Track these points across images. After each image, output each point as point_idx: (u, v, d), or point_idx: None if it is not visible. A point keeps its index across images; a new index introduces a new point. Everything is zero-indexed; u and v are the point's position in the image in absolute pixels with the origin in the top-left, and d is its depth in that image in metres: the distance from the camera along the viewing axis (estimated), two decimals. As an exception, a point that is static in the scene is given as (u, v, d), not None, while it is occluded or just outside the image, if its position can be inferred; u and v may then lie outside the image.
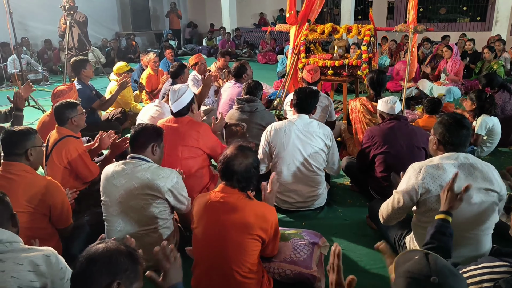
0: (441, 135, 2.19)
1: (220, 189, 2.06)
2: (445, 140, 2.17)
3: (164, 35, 14.93)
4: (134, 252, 1.39)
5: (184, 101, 3.04)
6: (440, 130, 2.19)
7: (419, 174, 2.13)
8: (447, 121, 2.18)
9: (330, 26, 5.53)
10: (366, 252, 2.68)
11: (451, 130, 2.15)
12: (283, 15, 16.12)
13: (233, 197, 2.02)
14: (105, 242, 1.36)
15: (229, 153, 2.04)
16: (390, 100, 3.17)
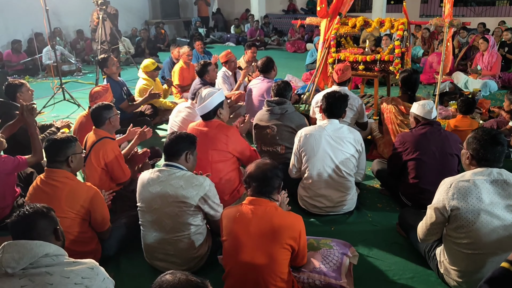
0: (474, 151, 2.16)
1: (248, 201, 2.14)
2: (479, 156, 2.14)
3: (192, 23, 14.97)
4: (203, 284, 1.36)
5: (209, 105, 3.09)
6: (474, 145, 2.16)
7: (449, 190, 2.13)
8: (482, 137, 2.15)
9: (362, 20, 5.40)
10: (395, 260, 2.68)
11: (486, 146, 2.12)
12: (313, 1, 15.86)
13: (260, 208, 2.09)
14: (174, 275, 1.34)
15: (250, 166, 2.21)
16: (427, 105, 3.10)
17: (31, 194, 2.54)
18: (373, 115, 5.35)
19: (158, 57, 11.14)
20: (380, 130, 4.20)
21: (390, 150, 3.83)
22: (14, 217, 1.73)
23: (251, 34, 13.23)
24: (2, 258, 1.57)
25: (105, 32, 6.91)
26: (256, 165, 2.19)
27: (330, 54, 5.54)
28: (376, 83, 5.43)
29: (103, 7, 6.64)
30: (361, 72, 5.41)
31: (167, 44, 12.46)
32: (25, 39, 10.27)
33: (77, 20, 11.49)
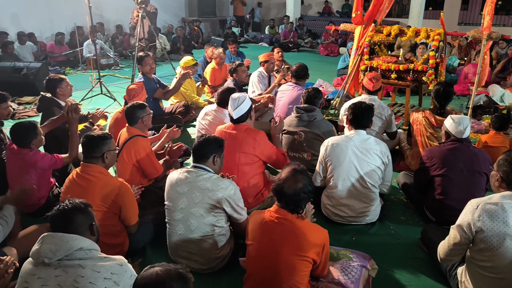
0: (505, 173, 2.13)
1: (274, 209, 2.17)
2: (509, 179, 2.12)
3: (227, 22, 15.13)
4: (183, 273, 1.49)
5: (244, 108, 3.17)
6: (505, 168, 2.14)
7: (476, 211, 2.11)
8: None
9: (397, 28, 5.36)
10: (415, 276, 2.67)
11: None
12: (349, 4, 15.72)
13: (286, 218, 2.11)
14: (155, 267, 1.48)
15: (283, 175, 2.14)
16: (462, 124, 3.03)
17: (67, 186, 2.69)
18: (403, 125, 5.29)
19: (193, 54, 11.35)
20: (409, 141, 4.16)
21: (417, 162, 3.80)
22: (54, 210, 1.85)
23: (285, 36, 13.24)
24: (40, 248, 1.70)
25: (143, 29, 7.12)
26: (288, 180, 2.09)
27: (363, 61, 5.52)
28: (408, 92, 5.37)
29: (143, 5, 6.83)
30: (393, 80, 5.37)
31: (202, 42, 12.66)
32: (67, 32, 10.69)
33: (118, 15, 11.86)
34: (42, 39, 10.33)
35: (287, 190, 2.07)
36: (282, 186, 2.09)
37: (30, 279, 1.71)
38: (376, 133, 4.10)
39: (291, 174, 2.12)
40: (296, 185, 2.07)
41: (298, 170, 2.16)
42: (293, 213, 2.10)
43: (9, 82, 6.70)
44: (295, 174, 2.12)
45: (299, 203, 2.09)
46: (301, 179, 2.10)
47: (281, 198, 2.11)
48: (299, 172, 2.15)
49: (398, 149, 4.42)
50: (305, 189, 2.09)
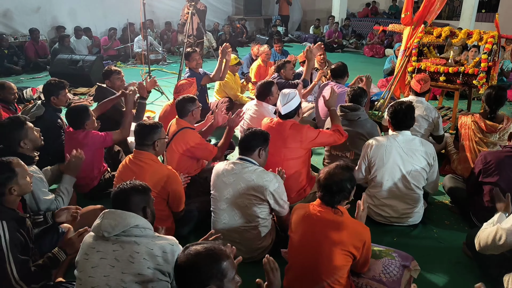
0: None
1: (318, 203, 2.23)
2: None
3: (273, 21, 15.21)
4: (214, 251, 1.55)
5: (293, 104, 3.22)
6: None
7: None
8: None
9: (448, 30, 5.22)
10: (457, 281, 2.64)
11: None
12: (396, 5, 15.37)
13: (329, 212, 2.17)
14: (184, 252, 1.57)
15: (327, 169, 2.22)
16: None
17: (120, 171, 2.87)
18: (450, 129, 5.16)
19: (237, 52, 11.53)
20: (456, 145, 4.06)
21: (464, 167, 3.72)
22: (117, 188, 2.00)
23: (329, 36, 13.15)
24: (101, 223, 1.84)
25: (192, 26, 7.32)
26: (334, 172, 2.17)
27: (411, 63, 5.41)
28: (456, 96, 5.22)
29: (193, 2, 7.03)
30: (442, 83, 5.23)
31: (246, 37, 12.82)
32: (120, 28, 11.15)
33: (167, 12, 12.25)
34: (97, 34, 10.85)
35: (332, 180, 2.15)
36: (328, 177, 2.16)
37: (90, 252, 1.86)
38: (422, 135, 4.03)
39: (336, 167, 2.21)
40: (343, 175, 2.16)
41: (343, 165, 2.24)
42: (336, 204, 2.17)
43: (66, 73, 7.11)
44: (339, 168, 2.20)
45: (343, 192, 2.16)
46: (346, 171, 2.20)
47: (326, 190, 2.16)
48: (344, 166, 2.23)
49: (444, 153, 4.32)
50: (348, 179, 2.17)
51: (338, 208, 2.19)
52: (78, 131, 3.43)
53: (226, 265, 1.53)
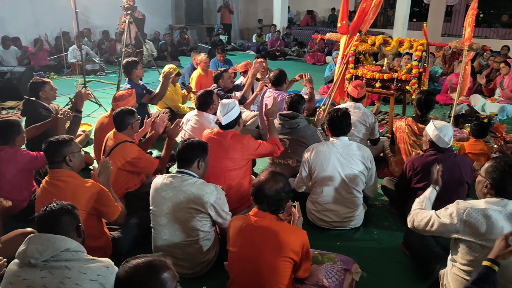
0: (495, 181, 2.14)
1: (253, 213, 2.22)
2: (498, 186, 2.13)
3: (215, 29, 15.20)
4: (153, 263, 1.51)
5: (233, 114, 3.18)
6: (494, 175, 2.14)
7: (462, 215, 2.13)
8: (504, 168, 2.13)
9: (381, 38, 5.47)
10: (398, 280, 2.72)
11: (507, 177, 2.11)
12: (335, 14, 15.94)
13: (266, 220, 2.16)
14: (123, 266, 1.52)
15: (262, 178, 2.21)
16: (445, 134, 3.02)
17: (39, 195, 2.64)
18: (387, 132, 5.38)
19: (179, 61, 11.38)
20: (392, 149, 4.24)
21: (401, 169, 3.85)
22: (42, 211, 1.85)
23: (272, 44, 13.35)
24: (27, 248, 1.69)
25: (130, 35, 7.11)
26: (268, 182, 2.17)
27: (348, 70, 5.61)
28: (392, 101, 5.46)
29: (129, 11, 6.83)
30: (378, 89, 5.45)
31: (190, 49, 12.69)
32: (53, 36, 10.60)
33: (104, 21, 11.82)
34: (27, 44, 10.24)
35: (268, 191, 2.14)
36: (263, 187, 2.16)
37: (14, 281, 1.70)
38: (361, 139, 4.17)
39: (270, 176, 2.21)
40: (277, 185, 2.16)
41: (276, 172, 2.26)
42: (273, 213, 2.17)
43: (-8, 87, 6.62)
44: (274, 176, 2.21)
45: (280, 203, 2.17)
46: (280, 180, 2.20)
47: (262, 200, 2.16)
48: (277, 173, 2.25)
49: (383, 156, 4.49)
50: (285, 188, 2.18)
51: (275, 215, 2.19)
52: (5, 147, 3.17)
53: (166, 276, 1.49)
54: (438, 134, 3.05)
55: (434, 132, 3.07)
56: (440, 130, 3.04)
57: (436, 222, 2.25)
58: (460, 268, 2.22)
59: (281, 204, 2.17)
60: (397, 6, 12.09)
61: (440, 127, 3.06)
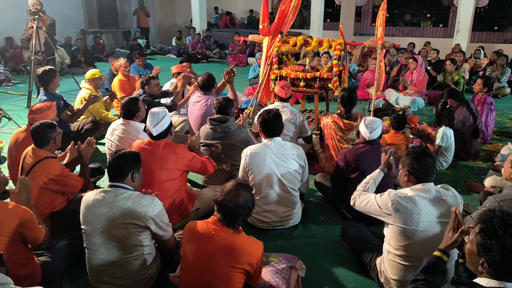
0: (409, 165, 2.36)
1: (212, 220, 2.16)
2: (414, 169, 2.34)
3: (132, 33, 14.66)
4: None
5: (164, 124, 3.08)
6: (408, 161, 2.37)
7: (392, 203, 2.30)
8: (413, 152, 2.39)
9: (302, 39, 5.66)
10: (339, 271, 2.82)
11: (418, 158, 2.34)
12: (253, 16, 16.20)
13: (223, 230, 2.11)
14: None
15: (227, 188, 2.14)
16: (371, 126, 3.25)
17: None
18: (314, 130, 5.57)
19: (96, 67, 10.76)
20: (321, 145, 4.40)
21: (331, 164, 4.04)
22: None
23: (193, 47, 13.22)
24: None
25: (39, 41, 6.58)
26: (231, 194, 2.10)
27: (273, 71, 5.72)
28: (316, 99, 5.67)
29: (36, 16, 6.32)
30: (302, 88, 5.64)
31: (106, 54, 12.09)
32: None
33: (7, 26, 10.79)
34: None
35: (227, 203, 2.08)
36: (224, 198, 2.09)
37: None
38: (291, 138, 4.26)
39: (235, 188, 2.13)
40: (237, 200, 2.09)
41: (243, 185, 2.18)
42: (228, 226, 2.11)
43: None
44: (238, 189, 2.14)
45: (236, 218, 2.11)
46: (244, 195, 2.12)
47: (220, 210, 2.11)
48: (243, 187, 2.17)
49: (312, 153, 4.64)
50: (245, 205, 2.11)
51: (235, 227, 2.14)
52: None
53: None
54: (364, 126, 3.30)
55: (362, 123, 3.32)
56: (366, 123, 3.28)
57: (374, 206, 2.45)
58: (395, 253, 2.37)
59: (236, 219, 2.11)
60: (312, 7, 12.64)
61: (368, 121, 3.30)
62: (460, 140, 4.63)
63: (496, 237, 1.54)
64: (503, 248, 1.52)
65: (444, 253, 1.98)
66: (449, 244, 1.98)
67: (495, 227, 1.56)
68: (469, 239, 1.68)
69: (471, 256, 1.65)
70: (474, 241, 1.62)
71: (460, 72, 7.51)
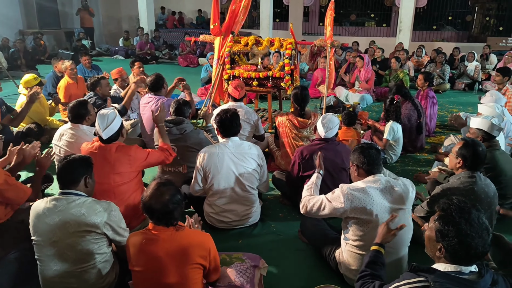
0: (357, 159, 2.48)
1: (151, 227, 2.12)
2: (362, 162, 2.46)
3: (75, 34, 14.06)
4: None
5: (114, 127, 2.97)
6: (355, 156, 2.49)
7: (346, 196, 2.38)
8: (358, 147, 2.52)
9: (253, 39, 5.69)
10: (300, 266, 2.86)
11: (363, 152, 2.46)
12: (202, 16, 16.09)
13: (166, 232, 2.08)
14: None
15: (148, 192, 2.11)
16: (327, 126, 3.31)
17: None
18: (268, 128, 5.63)
19: (37, 70, 10.24)
20: (276, 143, 4.45)
21: (286, 161, 4.10)
22: None
23: (141, 47, 12.90)
24: None
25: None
26: (154, 196, 2.06)
27: (225, 71, 5.71)
28: (269, 98, 5.73)
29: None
30: (255, 88, 5.67)
31: (48, 56, 11.52)
32: None
33: None
34: None
35: (154, 205, 2.05)
36: (150, 203, 2.06)
37: None
38: (246, 137, 4.28)
39: (155, 189, 2.10)
40: (163, 198, 2.06)
41: (162, 183, 2.14)
42: (168, 226, 2.08)
43: None
44: (159, 188, 2.10)
45: (171, 215, 2.07)
46: (166, 191, 2.09)
47: (152, 215, 2.08)
48: (163, 184, 2.13)
49: (268, 152, 4.68)
50: (172, 199, 2.08)
51: (174, 224, 2.12)
52: None
53: None
54: (320, 124, 3.37)
55: (319, 121, 3.39)
56: (325, 121, 3.36)
57: (327, 205, 2.48)
58: (353, 244, 2.45)
59: (172, 215, 2.08)
60: (261, 7, 12.75)
61: (325, 122, 3.36)
62: (407, 134, 4.86)
63: (453, 223, 1.62)
64: (459, 233, 1.59)
65: (381, 246, 2.15)
66: (384, 238, 2.16)
67: (452, 214, 1.64)
68: (428, 226, 1.76)
69: (430, 242, 1.73)
70: (433, 227, 1.70)
71: (405, 70, 7.90)
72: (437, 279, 1.60)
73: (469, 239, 1.58)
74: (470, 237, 1.58)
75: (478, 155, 2.77)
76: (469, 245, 1.58)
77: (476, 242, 1.58)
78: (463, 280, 1.59)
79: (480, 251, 1.60)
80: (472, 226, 1.60)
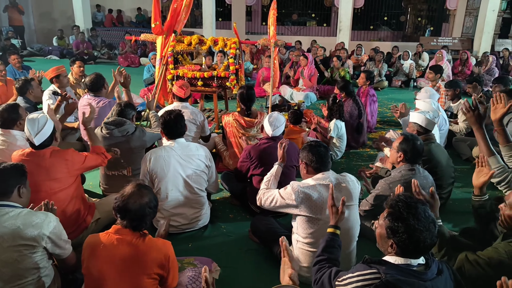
0: (307, 157, 2.52)
1: (114, 230, 2.03)
2: (310, 160, 2.50)
3: (3, 33, 13.11)
4: None
5: (46, 132, 2.78)
6: (304, 153, 2.54)
7: (296, 194, 2.42)
8: (307, 145, 2.57)
9: (197, 38, 5.60)
10: (252, 266, 2.86)
11: (312, 150, 2.52)
12: (142, 14, 15.65)
13: (128, 238, 2.00)
14: None
15: (127, 191, 2.05)
16: (274, 124, 3.35)
17: None
18: (215, 129, 5.57)
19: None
20: (224, 143, 4.41)
21: (235, 161, 4.08)
22: None
23: (77, 47, 12.29)
24: None
25: None
26: (133, 196, 2.02)
27: (169, 71, 5.58)
28: (215, 98, 5.68)
29: None
30: (200, 88, 5.59)
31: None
32: None
33: None
34: None
35: (132, 206, 1.99)
36: (127, 202, 1.99)
37: None
38: (193, 138, 4.20)
39: (136, 189, 2.05)
40: (142, 200, 2.02)
41: (142, 185, 2.11)
42: (135, 230, 2.02)
43: None
44: (140, 189, 2.06)
45: (144, 219, 2.03)
46: (146, 194, 2.07)
47: (125, 215, 2.00)
48: (144, 187, 2.11)
49: (215, 152, 4.63)
50: (150, 203, 2.06)
51: (141, 231, 2.05)
52: None
53: None
54: (267, 123, 3.39)
55: (266, 121, 3.42)
56: (271, 120, 3.39)
57: (280, 201, 2.52)
58: (303, 241, 2.49)
59: (144, 220, 2.03)
60: (204, 6, 12.61)
61: (272, 120, 3.39)
62: (349, 130, 5.02)
63: (402, 219, 1.66)
64: (408, 228, 1.64)
65: (336, 228, 2.18)
66: (338, 218, 2.19)
67: (400, 211, 1.68)
68: (378, 224, 1.81)
69: (381, 239, 1.77)
70: (383, 225, 1.74)
71: (346, 68, 8.16)
72: (388, 271, 1.65)
73: (417, 233, 1.64)
74: (418, 231, 1.64)
75: (417, 149, 2.91)
76: (418, 239, 1.64)
77: (424, 236, 1.65)
78: (412, 272, 1.66)
79: (429, 243, 1.67)
80: (419, 220, 1.66)
